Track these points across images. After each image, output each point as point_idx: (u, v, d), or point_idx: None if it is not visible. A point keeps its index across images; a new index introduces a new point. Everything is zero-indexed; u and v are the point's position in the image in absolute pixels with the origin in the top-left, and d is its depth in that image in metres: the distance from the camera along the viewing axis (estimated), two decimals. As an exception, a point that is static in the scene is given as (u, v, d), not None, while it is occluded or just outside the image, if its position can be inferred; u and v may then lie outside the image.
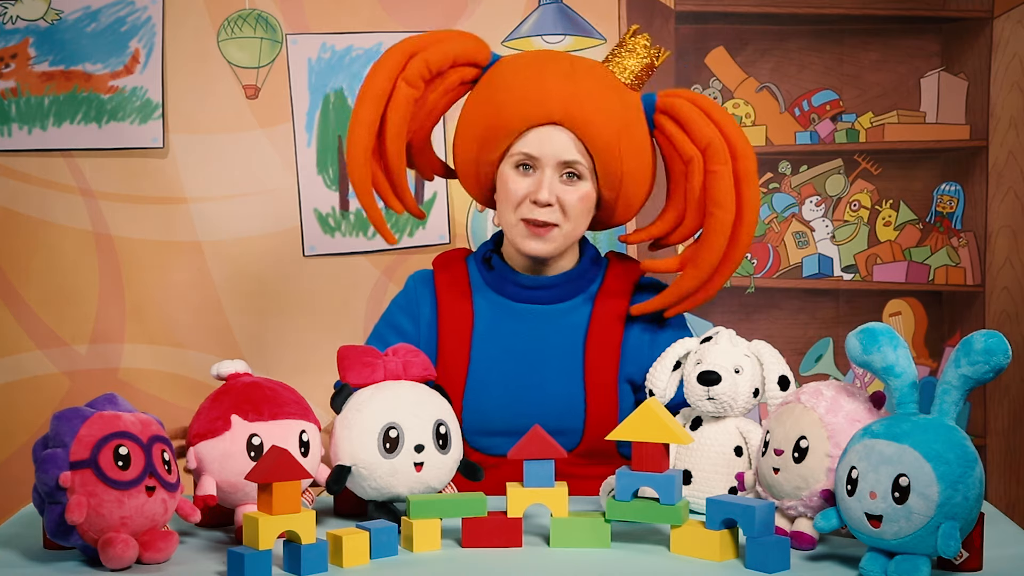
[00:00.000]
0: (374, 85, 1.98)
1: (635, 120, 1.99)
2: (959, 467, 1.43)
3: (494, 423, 2.01)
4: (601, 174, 1.98)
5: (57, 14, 2.84)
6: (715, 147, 1.96)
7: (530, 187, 1.97)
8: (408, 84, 1.97)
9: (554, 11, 2.89)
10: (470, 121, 2.02)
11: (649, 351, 2.01)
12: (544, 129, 1.95)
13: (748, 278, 2.99)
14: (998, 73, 2.96)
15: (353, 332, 2.81)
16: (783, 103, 2.98)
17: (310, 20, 2.88)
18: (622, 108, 1.98)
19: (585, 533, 1.62)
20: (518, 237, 2.00)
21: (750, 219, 1.98)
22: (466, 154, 2.03)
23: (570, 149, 1.95)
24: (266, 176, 2.88)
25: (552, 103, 1.94)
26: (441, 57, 1.99)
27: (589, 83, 1.97)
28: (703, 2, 2.94)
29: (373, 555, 1.57)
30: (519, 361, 2.03)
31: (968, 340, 1.47)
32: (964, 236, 2.98)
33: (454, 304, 2.08)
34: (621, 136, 1.96)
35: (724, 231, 1.97)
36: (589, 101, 1.94)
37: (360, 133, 1.98)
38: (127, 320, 2.87)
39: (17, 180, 2.86)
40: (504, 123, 1.96)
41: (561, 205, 1.97)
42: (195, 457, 1.66)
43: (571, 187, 1.98)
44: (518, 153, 1.97)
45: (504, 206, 2.01)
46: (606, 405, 2.01)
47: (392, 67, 1.98)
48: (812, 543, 1.59)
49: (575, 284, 2.06)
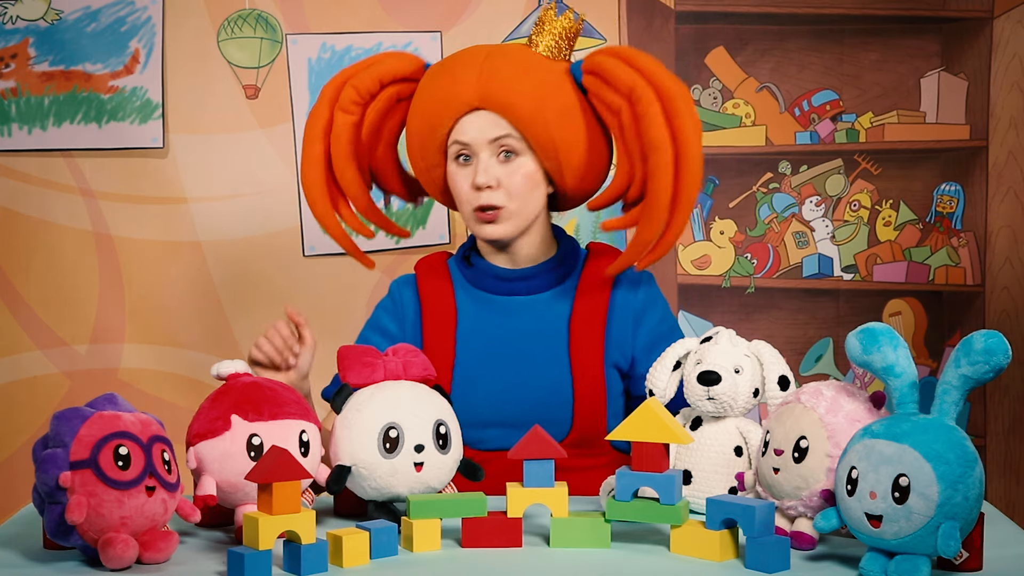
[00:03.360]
0: (313, 121, 2.08)
1: (559, 87, 2.01)
2: (959, 467, 1.43)
3: (483, 415, 2.01)
4: (535, 145, 2.01)
5: (57, 14, 2.84)
6: (638, 91, 1.95)
7: (471, 175, 2.01)
8: (343, 111, 2.05)
9: (554, 11, 2.89)
10: (409, 132, 2.07)
11: (632, 337, 2.04)
12: (468, 116, 2.00)
13: (748, 278, 2.99)
14: (998, 73, 2.96)
15: (353, 332, 2.80)
16: (783, 103, 2.98)
17: (310, 20, 2.88)
18: (543, 78, 2.01)
19: (585, 533, 1.62)
20: (474, 226, 2.05)
21: (691, 153, 1.93)
22: (418, 165, 2.09)
23: (495, 126, 1.99)
24: (266, 176, 2.88)
25: (467, 90, 1.99)
26: (368, 80, 2.06)
27: (502, 63, 2.01)
28: (703, 2, 2.95)
29: (373, 555, 1.57)
30: (504, 352, 2.05)
31: (968, 340, 1.47)
32: (964, 236, 2.99)
33: (437, 303, 2.10)
34: (545, 104, 1.99)
35: (666, 171, 1.93)
36: (503, 79, 1.99)
37: (310, 171, 2.08)
38: (127, 320, 2.87)
39: (17, 180, 2.86)
40: (431, 123, 2.01)
41: (504, 186, 2.00)
42: (195, 457, 1.66)
43: (510, 165, 2.01)
44: (454, 144, 2.02)
45: (458, 202, 2.06)
46: (594, 390, 2.02)
47: (327, 100, 2.07)
48: (812, 543, 1.60)
49: (554, 274, 2.08)
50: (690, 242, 2.99)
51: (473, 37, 2.79)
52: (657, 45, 2.92)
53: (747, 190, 2.98)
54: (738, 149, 2.98)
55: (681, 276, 2.98)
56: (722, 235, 2.99)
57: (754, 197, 2.99)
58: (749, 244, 2.99)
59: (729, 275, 2.99)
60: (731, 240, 2.99)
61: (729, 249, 2.99)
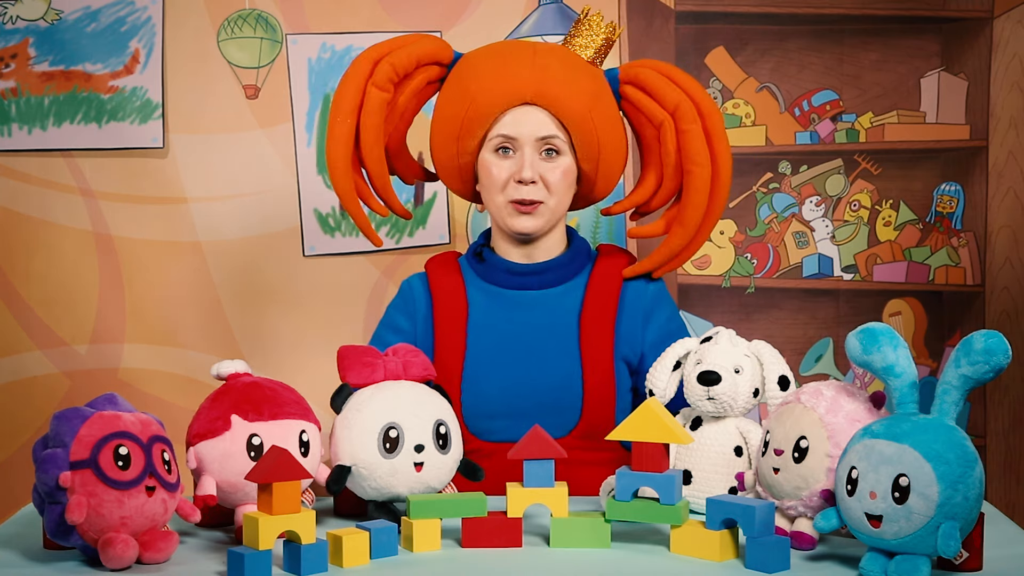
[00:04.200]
0: (345, 97, 2.04)
1: (603, 92, 2.06)
2: (959, 467, 1.43)
3: (493, 405, 2.04)
4: (579, 146, 2.03)
5: (57, 14, 2.84)
6: (683, 108, 2.04)
7: (512, 168, 2.03)
8: (378, 88, 2.03)
9: (554, 11, 2.89)
10: (445, 116, 2.06)
11: (642, 332, 2.07)
12: (518, 110, 2.01)
13: (748, 278, 2.99)
14: (998, 73, 2.96)
15: (353, 332, 2.81)
16: (783, 103, 2.98)
17: (310, 20, 2.88)
18: (590, 82, 2.05)
19: (585, 533, 1.62)
20: (507, 218, 2.05)
21: (725, 171, 2.07)
22: (446, 151, 2.08)
23: (546, 125, 2.01)
24: (266, 176, 2.88)
25: (522, 83, 2.00)
26: (406, 59, 2.05)
27: (554, 61, 2.03)
28: (703, 2, 2.94)
29: (373, 555, 1.57)
30: (515, 344, 2.06)
31: (968, 340, 1.47)
32: (964, 236, 2.98)
33: (449, 298, 2.11)
34: (592, 108, 2.03)
35: (704, 186, 2.05)
36: (558, 77, 2.01)
37: (337, 147, 2.04)
38: (127, 320, 2.87)
39: (17, 180, 2.86)
40: (479, 110, 2.01)
41: (544, 182, 2.03)
42: (195, 457, 1.66)
43: (551, 163, 2.03)
44: (496, 137, 2.02)
45: (490, 191, 2.06)
46: (604, 382, 2.04)
47: (360, 76, 2.04)
48: (812, 543, 1.60)
49: (565, 269, 2.11)
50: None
51: (473, 37, 2.78)
52: (657, 45, 2.92)
53: (747, 190, 2.98)
54: (738, 149, 2.98)
55: (681, 276, 2.98)
56: (722, 235, 2.99)
57: (754, 197, 2.99)
58: (749, 244, 2.99)
59: (729, 275, 2.99)
60: (731, 240, 2.99)
61: (729, 249, 2.99)
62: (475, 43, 2.17)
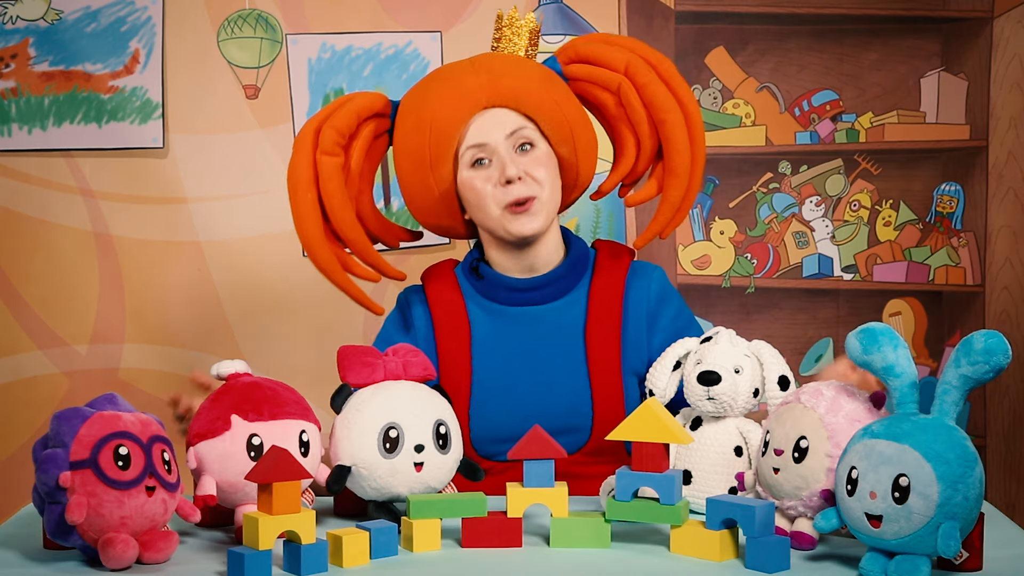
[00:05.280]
0: (298, 172, 2.01)
1: (552, 75, 2.06)
2: (959, 467, 1.43)
3: (503, 430, 1.99)
4: (549, 132, 2.01)
5: (57, 14, 2.84)
6: (634, 64, 2.04)
7: (494, 175, 1.99)
8: (328, 155, 2.00)
9: (554, 11, 2.89)
10: (410, 150, 2.01)
11: (648, 339, 2.03)
12: (479, 117, 1.98)
13: (748, 278, 2.99)
14: (998, 73, 2.96)
15: (352, 332, 2.81)
16: (783, 103, 2.98)
17: (310, 20, 2.88)
18: (536, 68, 2.05)
19: (585, 533, 1.62)
20: (507, 224, 2.00)
21: (695, 110, 2.06)
22: (423, 186, 2.02)
23: (511, 119, 1.99)
24: (266, 176, 2.88)
25: (473, 91, 1.98)
26: (345, 117, 2.01)
27: (495, 62, 2.03)
28: (703, 2, 2.95)
29: (373, 555, 1.57)
30: (521, 365, 2.03)
31: (968, 340, 1.47)
32: (964, 236, 2.99)
33: (449, 315, 2.07)
34: (548, 88, 2.01)
35: (682, 130, 2.04)
36: (504, 72, 2.00)
37: (306, 222, 2.01)
38: (127, 320, 2.87)
39: (17, 180, 2.86)
40: (442, 130, 1.97)
41: (530, 176, 1.99)
42: (195, 457, 1.66)
43: (529, 156, 2.00)
44: (468, 150, 1.99)
45: (481, 206, 2.00)
46: (613, 399, 2.01)
47: (307, 148, 2.01)
48: (812, 543, 1.59)
49: (566, 280, 2.06)
50: (690, 242, 2.99)
51: (473, 37, 2.79)
52: (657, 45, 2.92)
53: (747, 190, 2.99)
54: (738, 149, 2.98)
55: (681, 276, 2.98)
56: (722, 235, 2.99)
57: (754, 197, 2.99)
58: (749, 244, 2.99)
59: (729, 275, 2.99)
60: (731, 240, 2.99)
61: (729, 249, 2.99)
62: (475, 43, 2.18)
